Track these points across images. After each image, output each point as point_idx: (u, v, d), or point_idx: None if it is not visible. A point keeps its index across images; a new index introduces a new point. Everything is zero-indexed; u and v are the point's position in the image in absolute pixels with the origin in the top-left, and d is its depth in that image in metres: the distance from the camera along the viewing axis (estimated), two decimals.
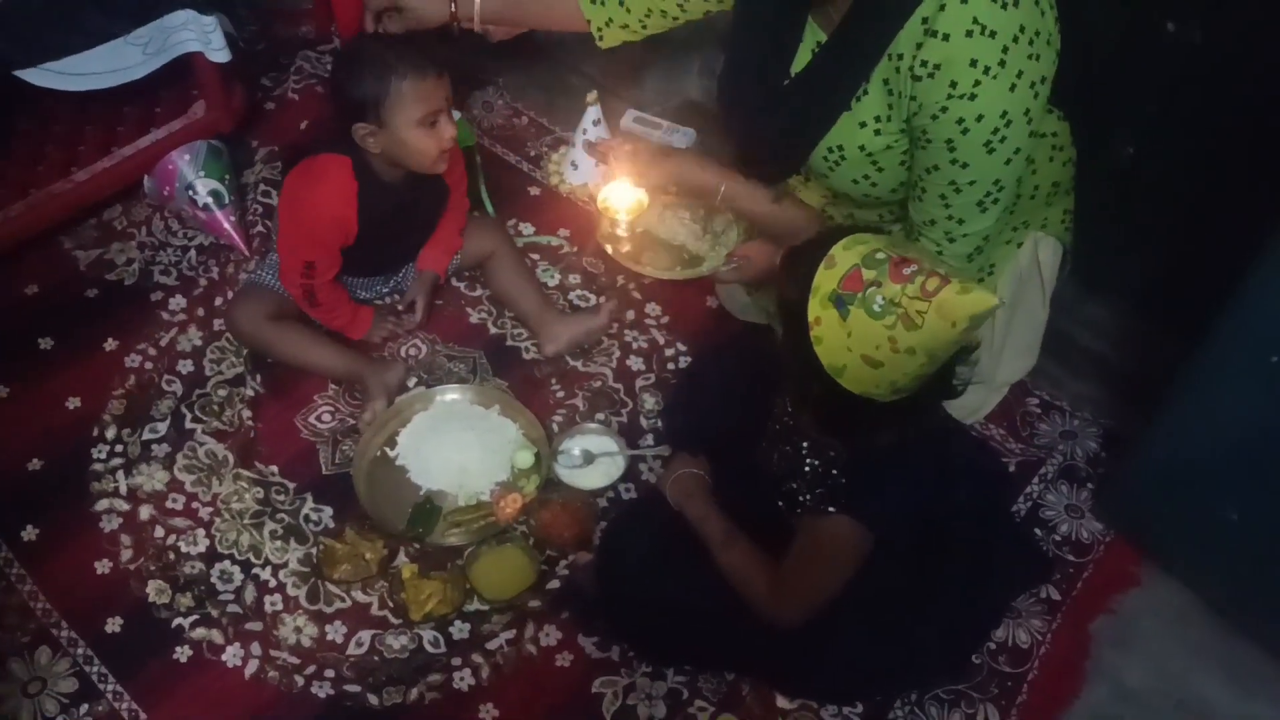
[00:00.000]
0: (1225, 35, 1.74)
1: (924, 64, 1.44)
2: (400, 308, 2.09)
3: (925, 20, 1.42)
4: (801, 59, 1.62)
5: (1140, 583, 1.80)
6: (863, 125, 1.56)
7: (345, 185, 1.84)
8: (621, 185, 1.92)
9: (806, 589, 1.50)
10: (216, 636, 1.68)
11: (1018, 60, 1.41)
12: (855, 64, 1.53)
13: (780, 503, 1.53)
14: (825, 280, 1.26)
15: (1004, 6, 1.40)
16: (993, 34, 1.39)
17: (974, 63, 1.40)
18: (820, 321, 1.27)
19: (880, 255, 1.25)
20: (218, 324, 2.07)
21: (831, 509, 1.43)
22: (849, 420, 1.38)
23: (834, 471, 1.44)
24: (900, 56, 1.47)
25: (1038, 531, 1.86)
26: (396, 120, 1.76)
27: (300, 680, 1.63)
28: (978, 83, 1.41)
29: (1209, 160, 1.86)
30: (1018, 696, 1.67)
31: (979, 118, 1.43)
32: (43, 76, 1.93)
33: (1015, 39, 1.40)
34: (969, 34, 1.39)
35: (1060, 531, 1.86)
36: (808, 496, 1.47)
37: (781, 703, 1.64)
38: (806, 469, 1.47)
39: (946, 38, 1.41)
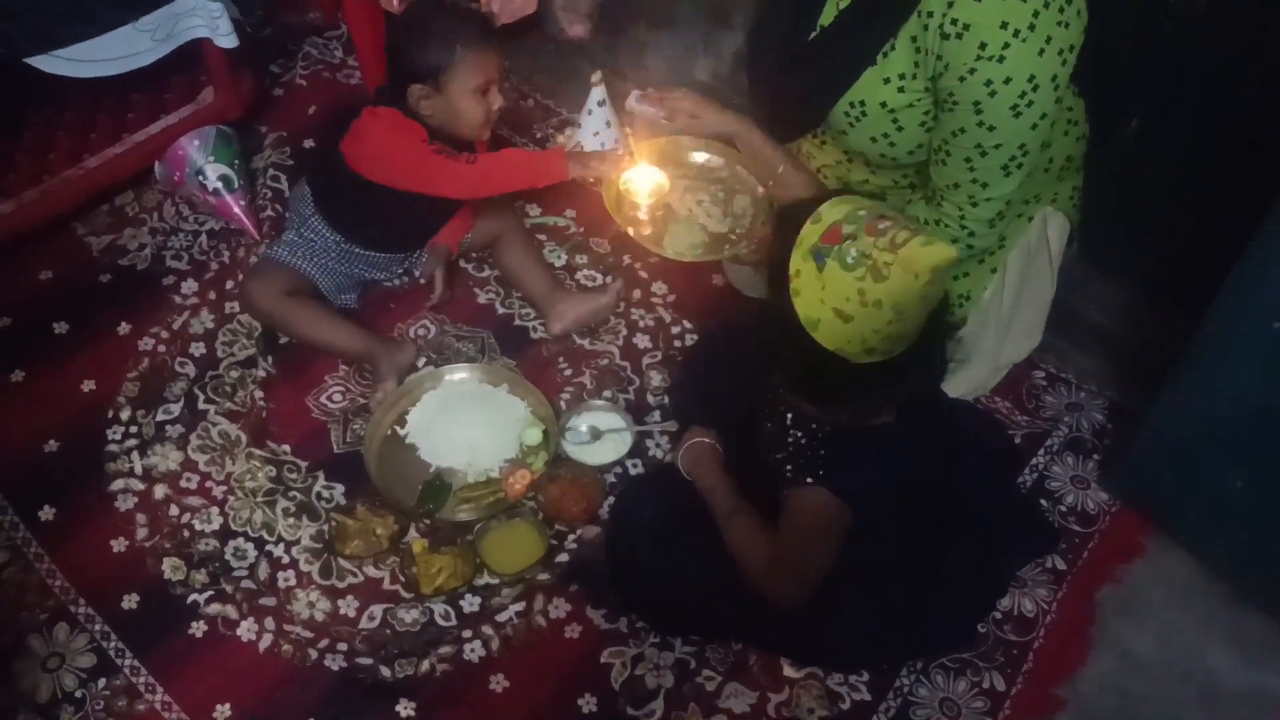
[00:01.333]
0: (1229, 8, 1.73)
1: (954, 22, 1.43)
2: (423, 281, 2.11)
3: None
4: (829, 13, 1.63)
5: (1146, 552, 1.81)
6: (887, 81, 1.56)
7: (405, 119, 1.89)
8: (643, 168, 1.93)
9: (793, 563, 1.52)
10: (231, 612, 1.70)
11: (1047, 25, 1.41)
12: (884, 19, 1.53)
13: (770, 475, 1.55)
14: (809, 234, 1.29)
15: None
16: None
17: (1004, 25, 1.40)
18: (799, 274, 1.29)
19: (861, 213, 1.28)
20: (229, 307, 2.10)
21: (809, 480, 1.46)
22: (823, 384, 1.39)
23: (816, 443, 1.47)
24: (930, 14, 1.47)
25: (1044, 502, 1.86)
26: (454, 87, 1.83)
27: (314, 654, 1.66)
28: (1007, 45, 1.41)
29: (1214, 135, 1.86)
30: (1023, 665, 1.68)
31: (1007, 80, 1.43)
32: (53, 64, 1.95)
33: (1046, 4, 1.41)
34: None
35: (1066, 502, 1.87)
36: (789, 468, 1.49)
37: (788, 672, 1.66)
38: (790, 441, 1.49)
39: None
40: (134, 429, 1.91)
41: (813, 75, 1.65)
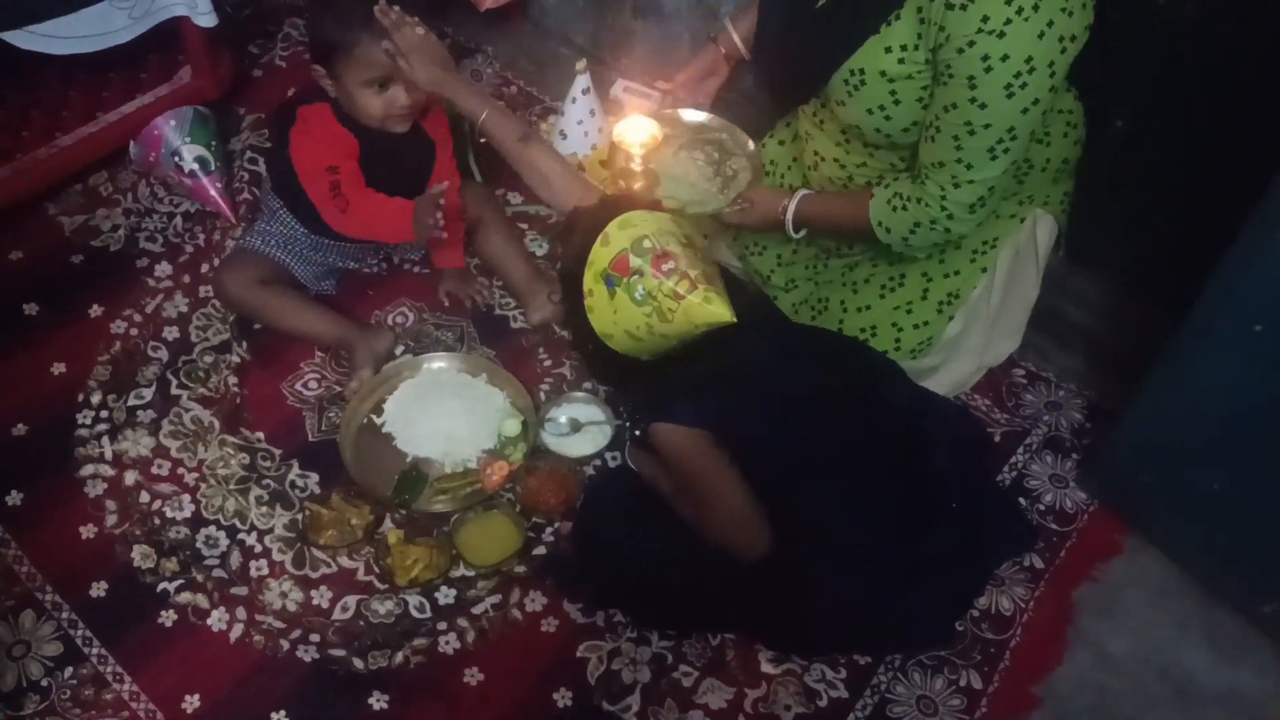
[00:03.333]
0: (1218, 8, 1.73)
1: None
2: (445, 302, 2.10)
3: None
4: None
5: (1123, 552, 1.81)
6: (888, 50, 1.55)
7: (339, 126, 1.84)
8: (637, 120, 1.91)
9: (709, 510, 1.53)
10: (202, 601, 1.68)
11: (1051, 9, 1.42)
12: None
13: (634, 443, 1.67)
14: (599, 257, 1.47)
15: None
16: None
17: (1009, 1, 1.40)
18: (593, 294, 1.48)
19: (647, 244, 1.45)
20: (203, 291, 2.07)
21: (647, 427, 1.53)
22: (621, 372, 1.59)
23: (645, 396, 1.58)
24: None
25: (1022, 501, 1.87)
26: (347, 77, 1.77)
27: (285, 644, 1.64)
28: (1009, 21, 1.41)
29: (1198, 134, 1.86)
30: (1000, 663, 1.68)
31: (1004, 57, 1.43)
32: (27, 39, 1.91)
33: None
34: None
35: (1044, 501, 1.87)
36: (635, 431, 1.60)
37: (766, 668, 1.65)
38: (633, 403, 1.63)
39: None
40: (105, 413, 1.88)
41: (816, 40, 1.64)
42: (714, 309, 1.42)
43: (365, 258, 2.10)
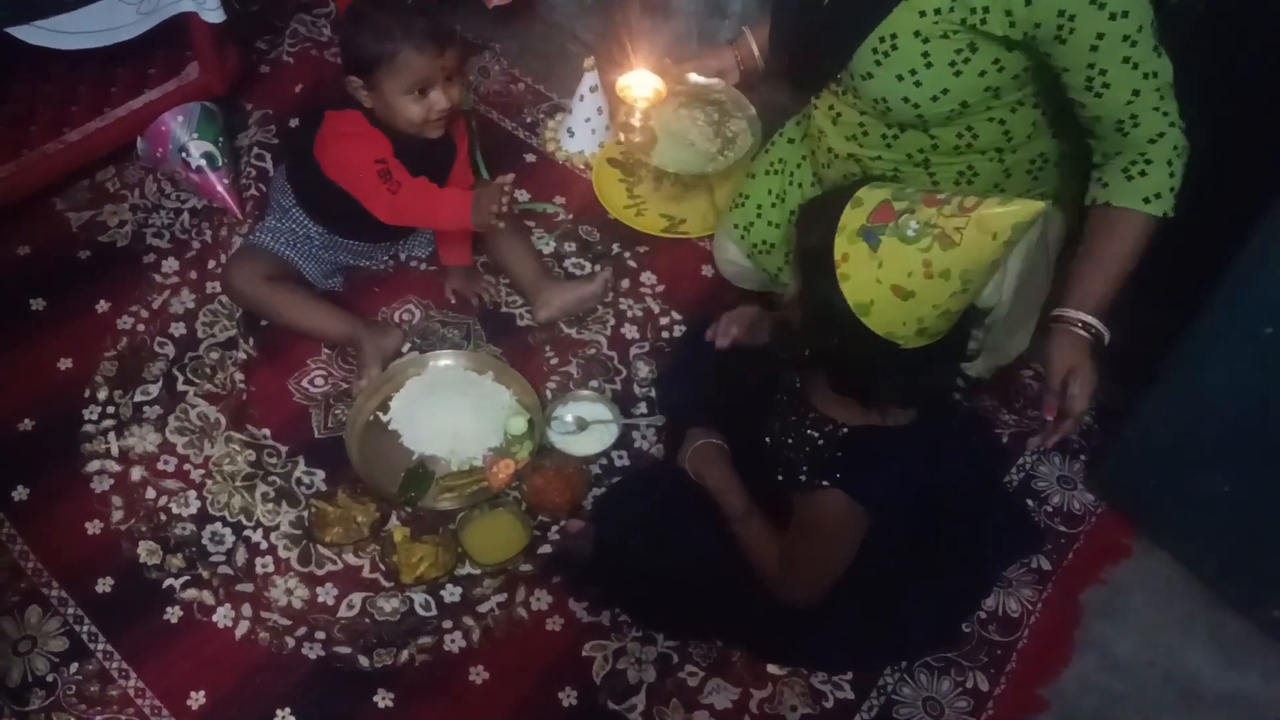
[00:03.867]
0: (1227, 6, 1.72)
1: None
2: (452, 300, 2.09)
3: None
4: None
5: (1131, 554, 1.81)
6: (922, 14, 1.51)
7: (374, 130, 1.85)
8: (641, 74, 1.90)
9: (808, 566, 1.49)
10: (207, 597, 1.68)
11: None
12: None
13: (780, 476, 1.51)
14: (852, 218, 1.25)
15: None
16: None
17: None
18: (847, 257, 1.24)
19: (909, 190, 1.25)
20: (210, 287, 2.06)
21: (825, 483, 1.42)
22: (864, 377, 1.36)
23: (834, 445, 1.43)
24: None
25: (1029, 502, 1.86)
26: (386, 85, 1.77)
27: (291, 641, 1.64)
28: None
29: (1207, 135, 1.85)
30: (1007, 665, 1.68)
31: None
32: (35, 34, 1.91)
33: None
34: None
35: (1052, 502, 1.87)
36: (805, 470, 1.45)
37: (772, 669, 1.65)
38: (808, 442, 1.45)
39: None
40: (111, 409, 1.88)
41: (841, 12, 1.60)
42: (1017, 206, 1.18)
43: (376, 256, 2.10)
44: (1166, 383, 1.66)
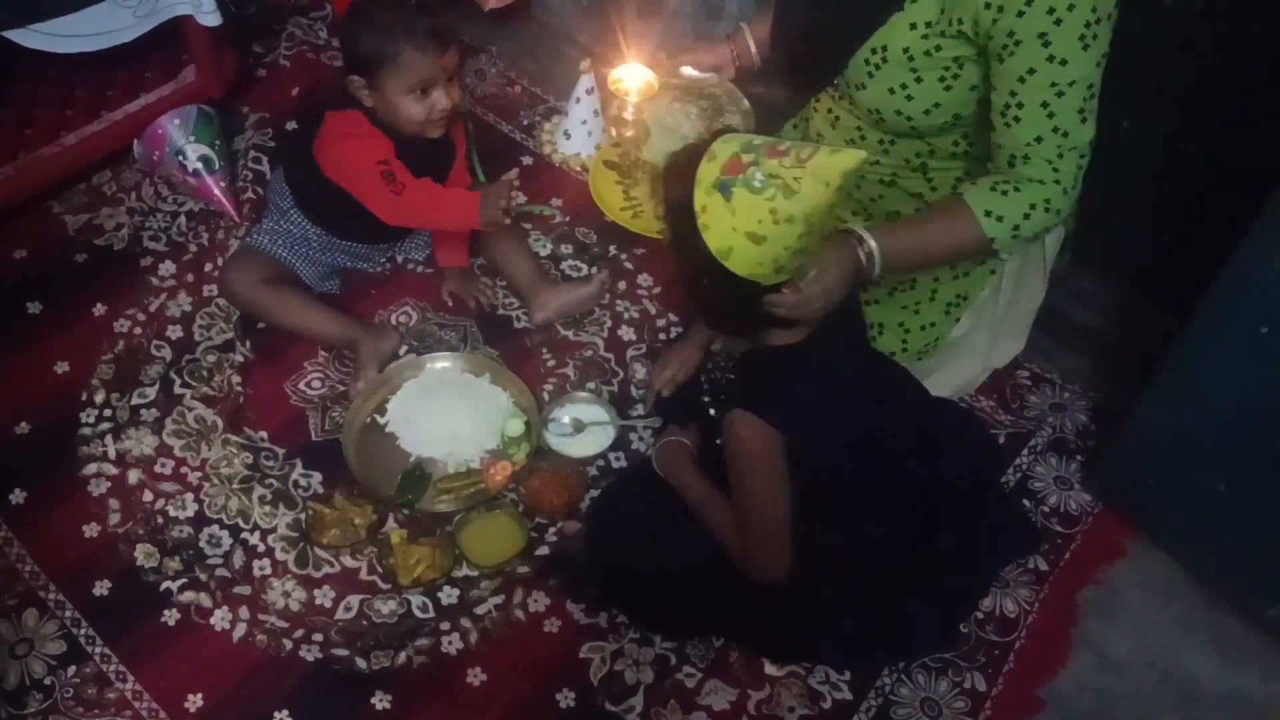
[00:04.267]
0: (1223, 7, 1.73)
1: None
2: (449, 302, 2.09)
3: None
4: None
5: (1128, 554, 1.81)
6: (912, 27, 1.52)
7: (376, 131, 1.85)
8: (634, 67, 1.90)
9: (749, 510, 1.49)
10: (205, 600, 1.68)
11: None
12: None
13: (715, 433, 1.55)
14: (708, 171, 1.34)
15: None
16: None
17: None
18: (706, 209, 1.34)
19: (756, 142, 1.35)
20: (207, 290, 2.06)
21: (728, 410, 1.46)
22: (737, 312, 1.45)
23: (737, 374, 1.49)
24: None
25: (1026, 502, 1.86)
26: (389, 85, 1.78)
27: (288, 644, 1.63)
28: None
29: (1203, 135, 1.86)
30: (1004, 665, 1.68)
31: (1070, 7, 1.38)
32: (32, 38, 1.91)
33: None
34: None
35: (1049, 503, 1.87)
36: (716, 408, 1.50)
37: (770, 670, 1.65)
38: (717, 380, 1.51)
39: None
40: (108, 412, 1.88)
41: (840, 18, 1.61)
42: (845, 154, 1.28)
43: (374, 258, 2.10)
44: (1163, 383, 1.66)
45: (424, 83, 1.78)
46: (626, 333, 2.07)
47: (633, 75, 1.90)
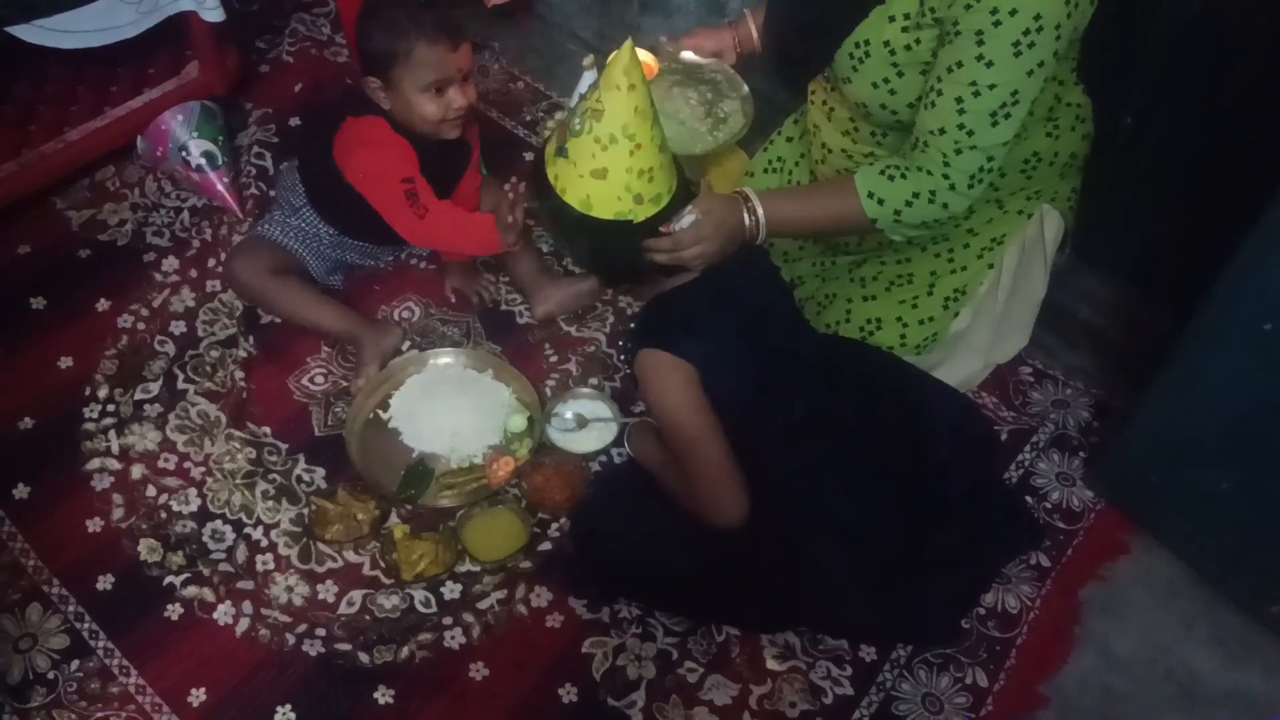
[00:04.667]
0: (1224, 5, 1.72)
1: None
2: (452, 299, 2.09)
3: None
4: None
5: (1130, 551, 1.81)
6: (891, 20, 1.54)
7: (398, 136, 1.85)
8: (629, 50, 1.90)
9: (687, 455, 1.53)
10: (208, 595, 1.68)
11: None
12: None
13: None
14: (549, 149, 1.49)
15: None
16: None
17: None
18: (558, 176, 1.47)
19: (578, 102, 1.47)
20: (210, 285, 2.07)
21: (638, 351, 1.53)
22: (627, 264, 1.55)
23: (637, 321, 1.57)
24: None
25: (1029, 499, 1.86)
26: (405, 84, 1.77)
27: (291, 639, 1.64)
28: None
29: (1207, 132, 1.85)
30: (1006, 661, 1.68)
31: (1013, 11, 1.41)
32: (35, 33, 1.91)
33: None
34: None
35: (1051, 499, 1.87)
36: (625, 356, 1.56)
37: (771, 664, 1.65)
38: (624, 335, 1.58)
39: None
40: (111, 407, 1.89)
41: (825, 11, 1.63)
42: (615, 57, 1.39)
43: (381, 256, 2.11)
44: (1166, 380, 1.66)
45: (439, 80, 1.78)
46: (629, 327, 2.07)
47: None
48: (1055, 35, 1.44)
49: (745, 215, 1.59)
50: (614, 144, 1.41)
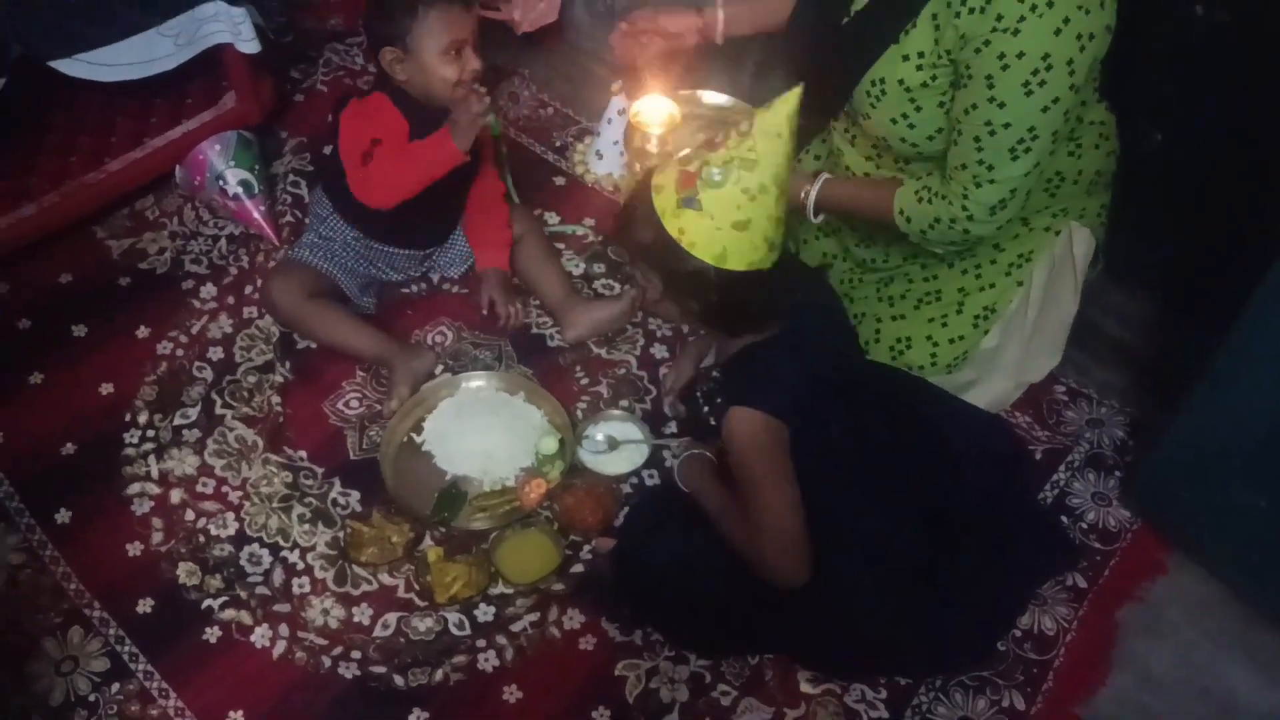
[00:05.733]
0: (1254, 18, 1.72)
1: None
2: (485, 310, 2.10)
3: None
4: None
5: (1167, 571, 1.79)
6: (905, 59, 1.57)
7: (396, 111, 1.88)
8: (655, 99, 1.90)
9: (758, 505, 1.49)
10: (245, 618, 1.70)
11: (1066, 6, 1.42)
12: (909, 1, 1.56)
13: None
14: (664, 201, 1.40)
15: None
16: None
17: None
18: (684, 230, 1.38)
19: (689, 154, 1.40)
20: (248, 311, 2.10)
21: (728, 408, 1.49)
22: (749, 311, 1.48)
23: (726, 373, 1.54)
24: None
25: (1064, 519, 1.85)
26: (422, 46, 1.81)
27: (327, 661, 1.65)
28: (1022, 19, 1.43)
29: (1237, 146, 1.84)
30: (1043, 684, 1.66)
31: (1020, 54, 1.44)
32: (76, 67, 1.96)
33: None
34: None
35: (1087, 519, 1.85)
36: (715, 414, 1.52)
37: (805, 687, 1.64)
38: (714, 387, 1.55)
39: None
40: (151, 433, 1.92)
41: (840, 54, 1.67)
42: (782, 103, 1.33)
43: (411, 268, 2.14)
44: (1201, 396, 1.64)
45: (455, 40, 1.82)
46: (659, 350, 2.08)
47: (654, 108, 1.90)
48: (1068, 71, 1.46)
49: (803, 191, 1.78)
50: (764, 194, 1.36)
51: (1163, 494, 1.80)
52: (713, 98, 1.95)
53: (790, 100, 1.33)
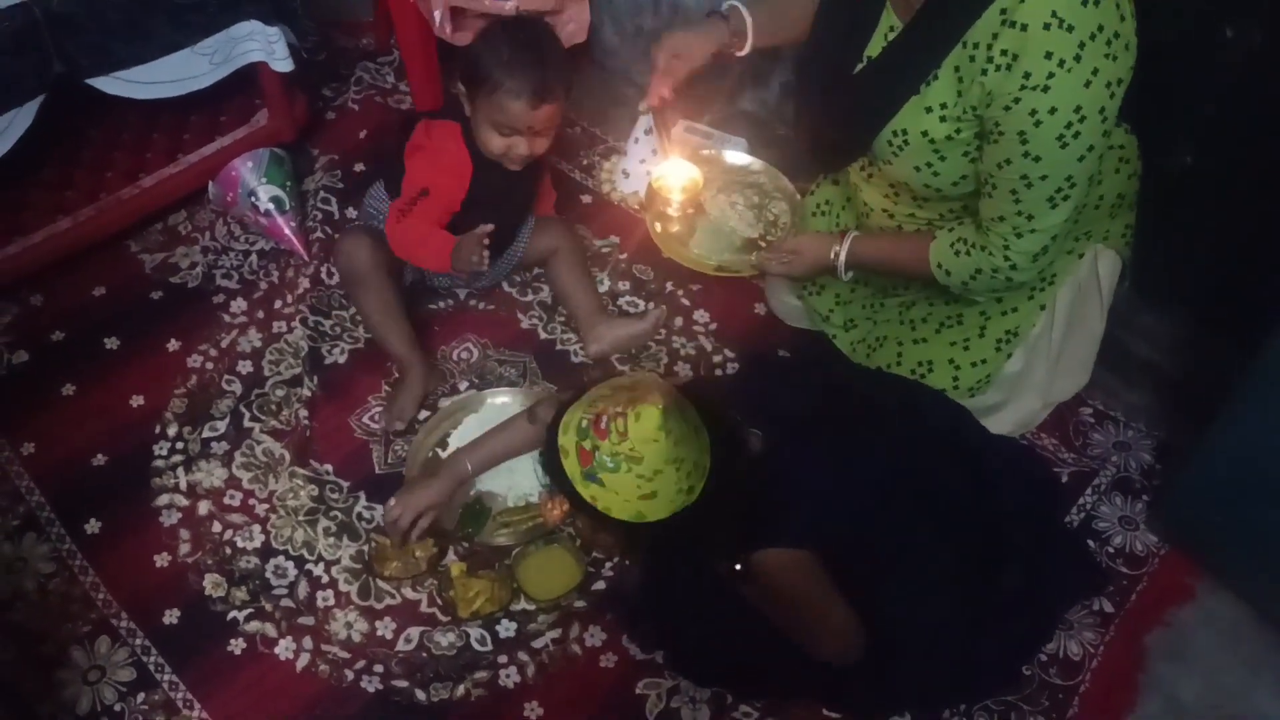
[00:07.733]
0: None
1: (1002, 53, 1.43)
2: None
3: (1004, 11, 1.42)
4: (876, 45, 1.63)
5: (1195, 595, 1.77)
6: (929, 110, 1.56)
7: (462, 147, 1.91)
8: (677, 163, 1.89)
9: (804, 630, 1.52)
10: (270, 630, 1.71)
11: (1093, 57, 1.40)
12: (928, 52, 1.53)
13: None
14: (571, 468, 1.46)
15: (1084, 4, 1.39)
16: (1070, 28, 1.38)
17: (1049, 55, 1.39)
18: (595, 498, 1.45)
19: (584, 423, 1.44)
20: (277, 326, 2.12)
21: (750, 555, 1.49)
22: (705, 522, 1.48)
23: (735, 527, 1.50)
24: (975, 45, 1.46)
25: (1091, 543, 1.83)
26: (480, 110, 1.84)
27: (350, 675, 1.66)
28: (1051, 75, 1.40)
29: (1267, 167, 1.83)
30: (1069, 710, 1.65)
31: (1052, 110, 1.42)
32: (113, 85, 1.99)
33: (1093, 36, 1.39)
34: (1046, 26, 1.39)
35: (1114, 543, 1.83)
36: (738, 565, 1.50)
37: (827, 711, 1.63)
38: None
39: (1024, 28, 1.40)
40: (180, 445, 1.94)
41: (856, 104, 1.66)
42: (645, 417, 1.38)
43: (458, 280, 2.16)
44: (1228, 419, 1.63)
45: (509, 126, 1.83)
46: (683, 369, 2.08)
47: (676, 172, 1.90)
48: (1100, 119, 1.44)
49: (832, 251, 1.80)
50: (660, 475, 1.41)
51: (1192, 516, 1.79)
52: (735, 158, 1.94)
53: (651, 416, 1.38)
